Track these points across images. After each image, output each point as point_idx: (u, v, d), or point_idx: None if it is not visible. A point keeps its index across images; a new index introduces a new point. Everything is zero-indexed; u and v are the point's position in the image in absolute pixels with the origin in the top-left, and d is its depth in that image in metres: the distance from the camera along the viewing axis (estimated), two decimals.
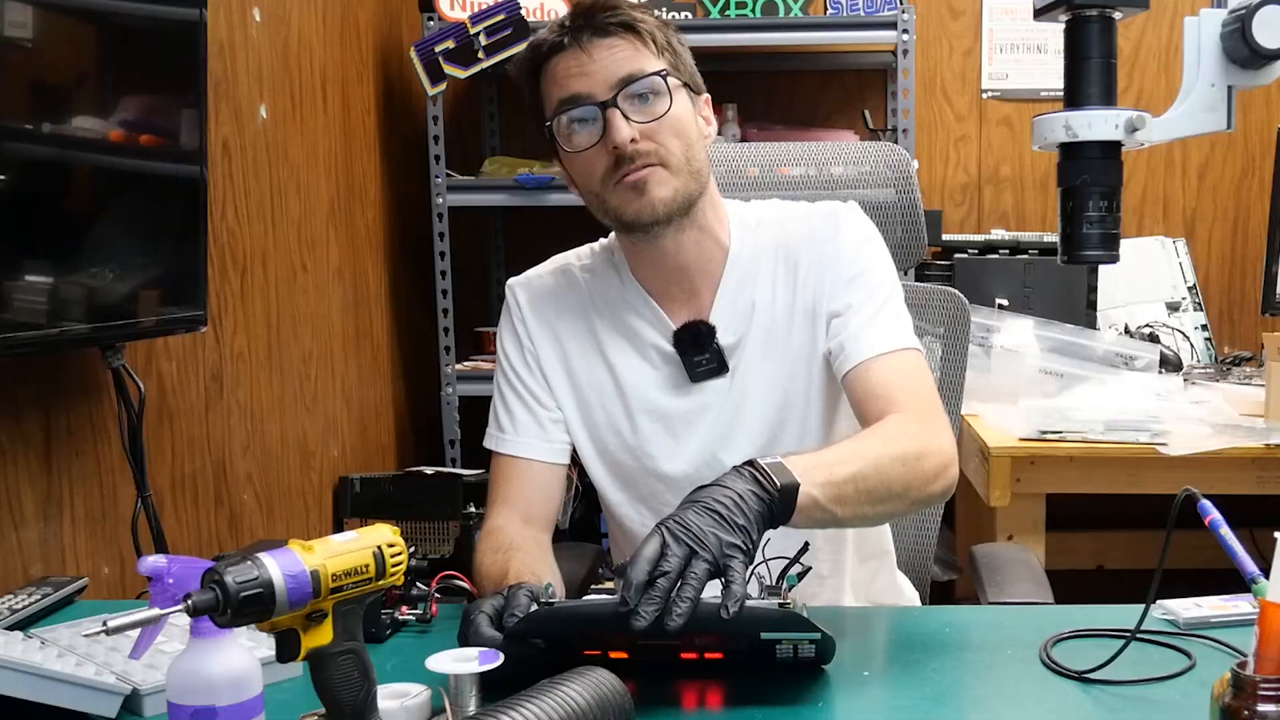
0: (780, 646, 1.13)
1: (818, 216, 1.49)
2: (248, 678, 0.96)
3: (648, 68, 1.37)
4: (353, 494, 2.71)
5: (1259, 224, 3.21)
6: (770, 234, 1.49)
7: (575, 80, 1.37)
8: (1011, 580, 1.63)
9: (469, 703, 1.06)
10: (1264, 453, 2.25)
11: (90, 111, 1.63)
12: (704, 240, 1.46)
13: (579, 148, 1.39)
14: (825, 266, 1.45)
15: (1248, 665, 0.86)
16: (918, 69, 3.23)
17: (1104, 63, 1.12)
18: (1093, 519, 3.14)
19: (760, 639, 1.12)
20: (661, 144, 1.37)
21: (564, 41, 1.38)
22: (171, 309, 1.80)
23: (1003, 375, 2.59)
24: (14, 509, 1.62)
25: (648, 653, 1.13)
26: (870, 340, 1.41)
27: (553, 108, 1.40)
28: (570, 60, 1.38)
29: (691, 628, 1.05)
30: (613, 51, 1.37)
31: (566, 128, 1.39)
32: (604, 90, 1.36)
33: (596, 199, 1.42)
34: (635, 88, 1.36)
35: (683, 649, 1.15)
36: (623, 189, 1.38)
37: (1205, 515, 1.07)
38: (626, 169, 1.37)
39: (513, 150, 3.36)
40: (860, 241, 1.47)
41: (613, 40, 1.37)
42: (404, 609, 1.34)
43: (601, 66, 1.36)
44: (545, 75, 1.41)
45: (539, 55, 1.41)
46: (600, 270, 1.54)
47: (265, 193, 2.38)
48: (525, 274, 1.59)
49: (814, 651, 1.13)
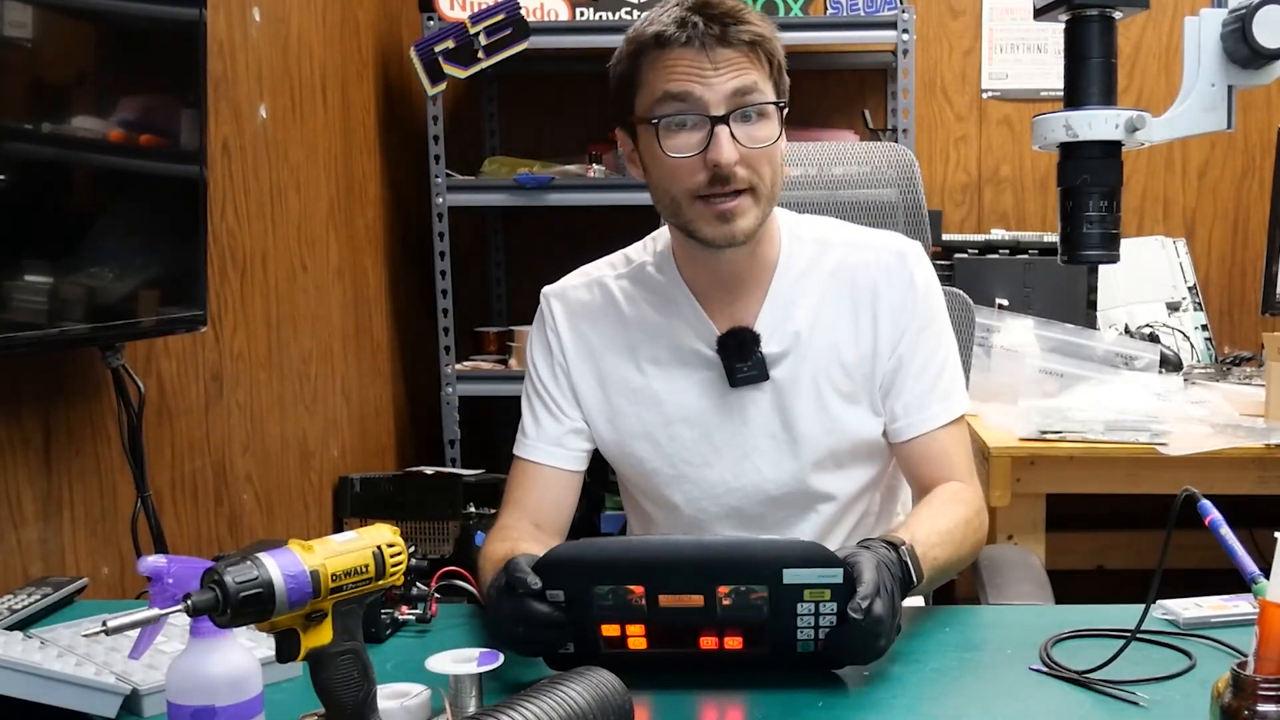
0: (801, 614, 1.12)
1: (889, 253, 1.49)
2: (247, 678, 0.96)
3: (763, 91, 1.36)
4: (353, 494, 2.72)
5: (1259, 224, 3.21)
6: (833, 257, 1.49)
7: (692, 82, 1.34)
8: (1012, 582, 1.63)
9: (469, 703, 1.06)
10: (1264, 453, 2.25)
11: (90, 111, 1.63)
12: (758, 250, 1.46)
13: (678, 151, 1.35)
14: (896, 308, 1.47)
15: (1248, 665, 0.86)
16: (918, 69, 3.23)
17: (1104, 62, 1.12)
18: (1093, 519, 3.14)
19: (783, 584, 1.10)
20: (756, 171, 1.36)
21: (691, 40, 1.33)
22: (171, 309, 1.80)
23: (1003, 375, 2.59)
24: (14, 509, 1.62)
25: (667, 638, 1.14)
26: (934, 410, 1.47)
27: (655, 99, 1.36)
28: (690, 60, 1.34)
29: (721, 559, 1.11)
30: (735, 66, 1.34)
31: (669, 127, 1.35)
32: (719, 103, 1.33)
33: (673, 203, 1.39)
34: (748, 110, 1.35)
35: (702, 629, 1.14)
36: (708, 210, 1.37)
37: (1205, 515, 1.07)
38: (718, 191, 1.35)
39: (513, 150, 3.36)
40: (928, 287, 1.49)
41: (738, 54, 1.34)
42: (404, 609, 1.34)
43: (721, 78, 1.34)
44: (654, 64, 1.36)
45: (658, 43, 1.35)
46: (639, 278, 1.52)
47: (265, 192, 2.38)
48: (560, 284, 1.56)
49: (834, 616, 1.12)
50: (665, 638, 1.15)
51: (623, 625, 1.15)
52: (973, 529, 1.42)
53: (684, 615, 1.13)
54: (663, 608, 1.13)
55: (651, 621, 1.14)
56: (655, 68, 1.36)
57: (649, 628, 1.14)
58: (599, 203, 3.00)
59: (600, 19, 3.04)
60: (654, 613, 1.13)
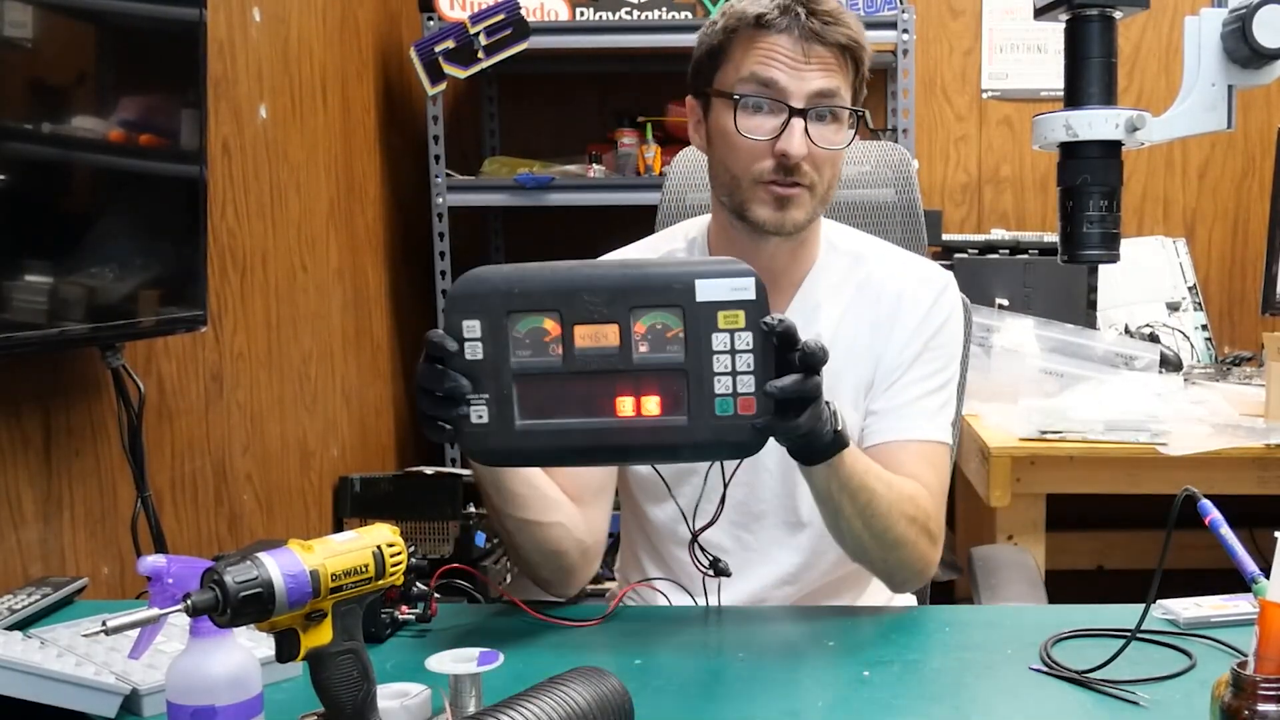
0: (717, 350, 1.09)
1: (917, 278, 1.50)
2: (247, 678, 0.96)
3: (845, 98, 1.38)
4: (353, 494, 2.71)
5: (1259, 224, 3.21)
6: (864, 271, 1.50)
7: (783, 70, 1.36)
8: (1006, 583, 1.63)
9: (469, 703, 1.06)
10: (1264, 453, 2.25)
11: (90, 111, 1.63)
12: (799, 250, 1.47)
13: (752, 133, 1.37)
14: (911, 328, 1.47)
15: (1248, 665, 0.86)
16: (918, 69, 3.23)
17: (1104, 62, 1.12)
18: (1093, 519, 3.14)
19: (696, 302, 1.08)
20: (819, 172, 1.38)
21: (791, 28, 1.35)
22: (171, 309, 1.80)
23: (1003, 375, 2.59)
24: (14, 509, 1.62)
25: (583, 398, 1.10)
26: (915, 421, 1.44)
27: (739, 76, 1.38)
28: (785, 47, 1.36)
29: (635, 277, 1.10)
30: (824, 64, 1.36)
31: (748, 107, 1.37)
32: (802, 97, 1.36)
33: (733, 181, 1.40)
34: (826, 109, 1.37)
35: (618, 383, 1.11)
36: (767, 193, 1.38)
37: (1205, 515, 1.07)
38: (781, 178, 1.37)
39: (513, 150, 3.36)
40: (948, 319, 1.49)
41: (830, 53, 1.37)
42: (404, 609, 1.34)
43: (810, 72, 1.36)
44: (748, 41, 1.38)
45: (758, 23, 1.37)
46: None
47: (265, 193, 2.38)
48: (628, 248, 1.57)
49: (750, 355, 1.09)
50: (581, 399, 1.11)
51: (537, 381, 1.11)
52: (912, 512, 1.33)
53: (599, 359, 1.10)
54: (578, 352, 1.10)
55: (567, 373, 1.11)
56: (748, 47, 1.37)
57: (563, 384, 1.11)
58: (599, 203, 3.00)
59: (600, 19, 3.04)
60: (569, 359, 1.11)
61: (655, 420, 1.11)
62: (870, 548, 1.32)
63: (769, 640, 1.29)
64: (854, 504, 1.26)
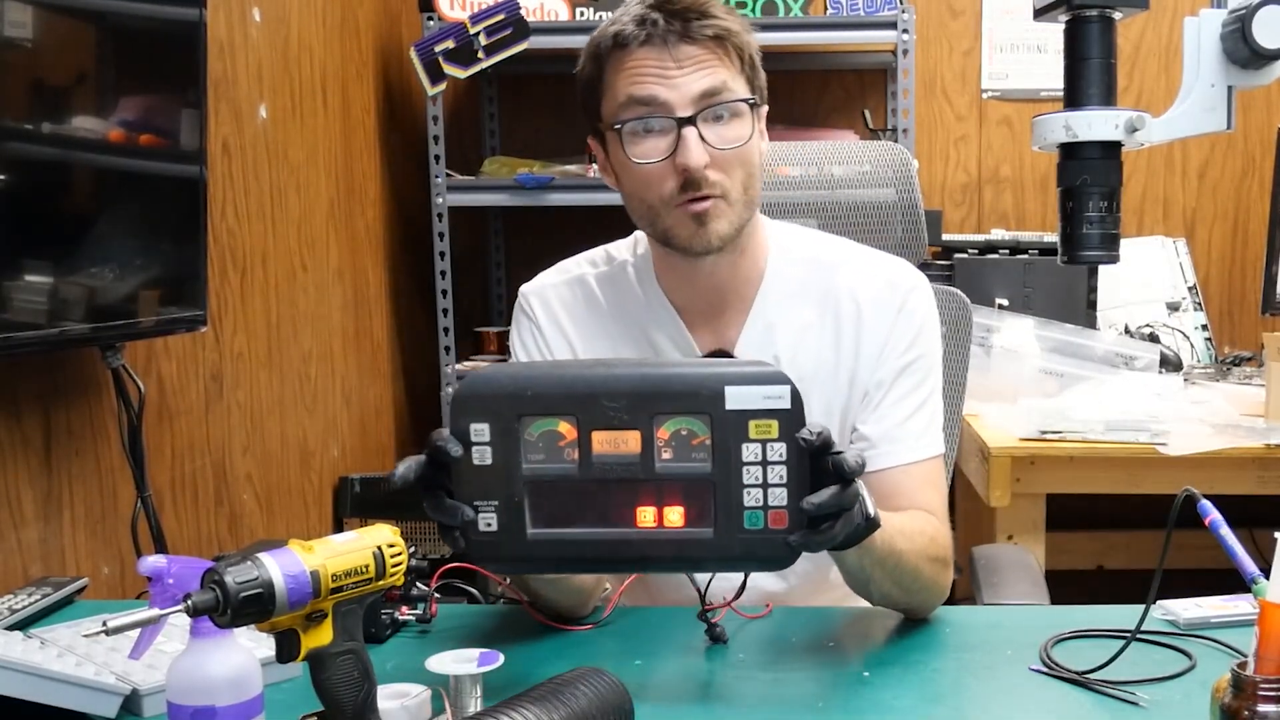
0: (747, 461, 1.02)
1: (881, 281, 1.41)
2: (248, 678, 0.96)
3: (735, 90, 1.29)
4: (353, 494, 2.71)
5: (1259, 224, 3.21)
6: (821, 278, 1.41)
7: (655, 83, 1.27)
8: (1008, 582, 1.63)
9: (469, 703, 1.06)
10: (1264, 453, 2.25)
11: (90, 111, 1.63)
12: (741, 262, 1.39)
13: (645, 158, 1.29)
14: (879, 336, 1.39)
15: (1248, 665, 0.86)
16: (918, 69, 3.23)
17: (1104, 63, 1.12)
18: (1093, 519, 3.14)
19: (725, 409, 1.02)
20: (728, 174, 1.30)
21: (651, 39, 1.27)
22: (171, 309, 1.80)
23: (1003, 375, 2.59)
24: (14, 509, 1.62)
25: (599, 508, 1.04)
26: (907, 445, 1.38)
27: (619, 104, 1.30)
28: (653, 60, 1.27)
29: (659, 382, 1.03)
30: (700, 64, 1.28)
31: (634, 133, 1.30)
32: (685, 104, 1.27)
33: (648, 211, 1.33)
34: (716, 109, 1.28)
35: (639, 493, 1.04)
36: (684, 215, 1.30)
37: (1205, 515, 1.07)
38: (692, 195, 1.29)
39: (513, 150, 3.36)
40: (921, 325, 1.41)
41: (702, 51, 1.28)
42: (404, 609, 1.34)
43: (686, 77, 1.27)
44: (617, 66, 1.30)
45: (618, 44, 1.29)
46: (619, 280, 1.45)
47: (265, 193, 2.38)
48: (538, 281, 1.49)
49: (783, 467, 1.02)
50: (598, 509, 1.05)
51: (551, 488, 1.05)
52: (934, 552, 1.30)
53: (619, 467, 1.04)
54: (596, 459, 1.04)
55: (583, 480, 1.04)
56: (618, 71, 1.30)
57: (579, 492, 1.05)
58: (599, 203, 2.99)
59: (600, 19, 3.03)
60: (586, 466, 1.04)
61: (678, 533, 1.05)
62: (897, 599, 1.30)
63: (769, 640, 1.29)
64: (883, 570, 1.22)
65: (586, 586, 1.34)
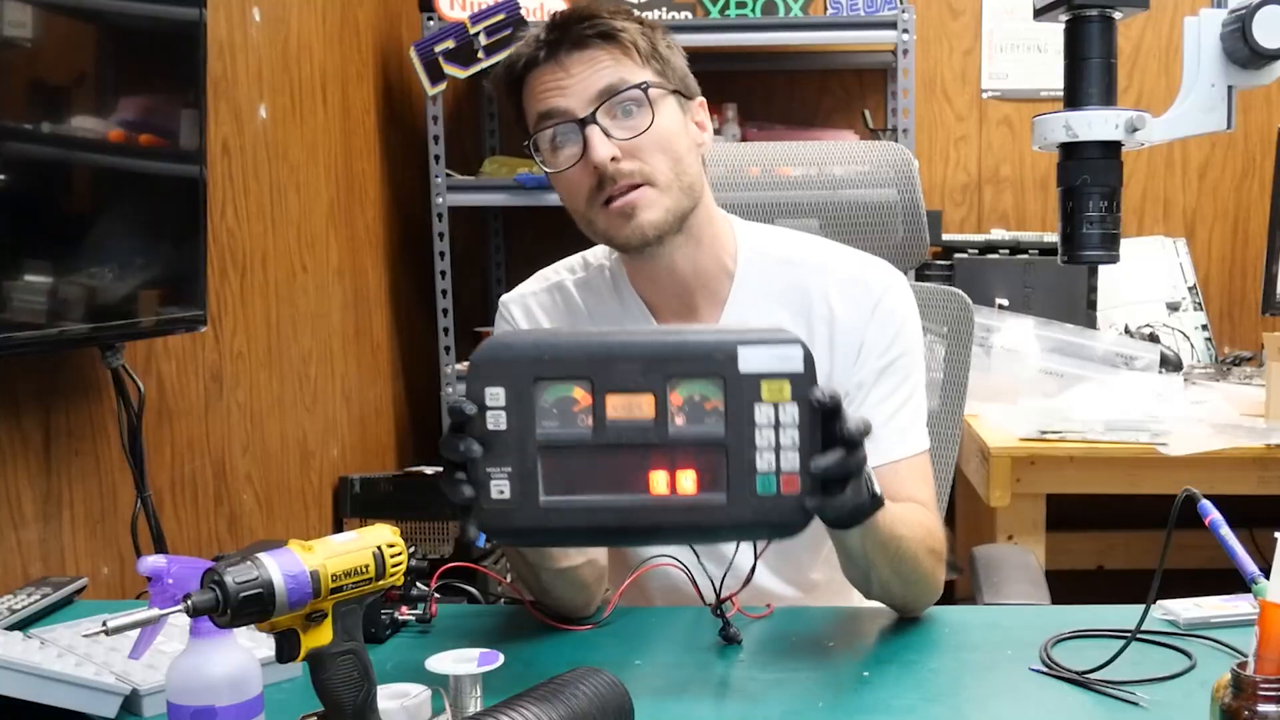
0: (760, 423, 1.02)
1: (854, 280, 1.40)
2: (248, 678, 0.96)
3: (629, 79, 1.30)
4: (353, 494, 2.72)
5: (1259, 224, 3.21)
6: (793, 277, 1.41)
7: (553, 96, 1.31)
8: (1008, 582, 1.63)
9: (469, 703, 1.06)
10: (1264, 453, 2.25)
11: (90, 111, 1.63)
12: (701, 257, 1.39)
13: (560, 166, 1.32)
14: (854, 343, 1.38)
15: (1248, 665, 0.86)
16: (918, 69, 3.23)
17: (1104, 63, 1.12)
18: (1093, 519, 3.14)
19: (739, 372, 1.02)
20: (645, 161, 1.30)
21: (540, 55, 1.31)
22: (171, 309, 1.80)
23: (1003, 375, 2.59)
24: (14, 509, 1.62)
25: (613, 473, 1.04)
26: (890, 443, 1.36)
27: (532, 123, 1.34)
28: (547, 75, 1.31)
29: (673, 345, 1.04)
30: (591, 65, 1.30)
31: (547, 145, 1.33)
32: (582, 106, 1.30)
33: (583, 219, 1.36)
34: (616, 101, 1.30)
35: (653, 457, 1.04)
36: (610, 213, 1.31)
37: (1205, 515, 1.07)
38: (610, 191, 1.30)
39: (513, 150, 3.35)
40: (899, 327, 1.40)
41: (592, 52, 1.30)
42: (404, 609, 1.34)
43: (579, 80, 1.30)
44: (525, 91, 1.34)
45: (515, 71, 1.34)
46: (595, 284, 1.46)
47: (265, 193, 2.38)
48: (518, 291, 1.50)
49: (794, 430, 1.02)
50: (611, 474, 1.05)
51: (565, 453, 1.04)
52: (931, 544, 1.30)
53: (632, 431, 1.04)
54: (610, 424, 1.04)
55: (597, 445, 1.04)
56: (525, 94, 1.34)
57: (593, 457, 1.04)
58: None
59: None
60: (600, 430, 1.04)
61: (691, 499, 1.04)
62: (896, 590, 1.29)
63: (769, 640, 1.29)
64: (884, 555, 1.22)
65: (589, 579, 1.34)
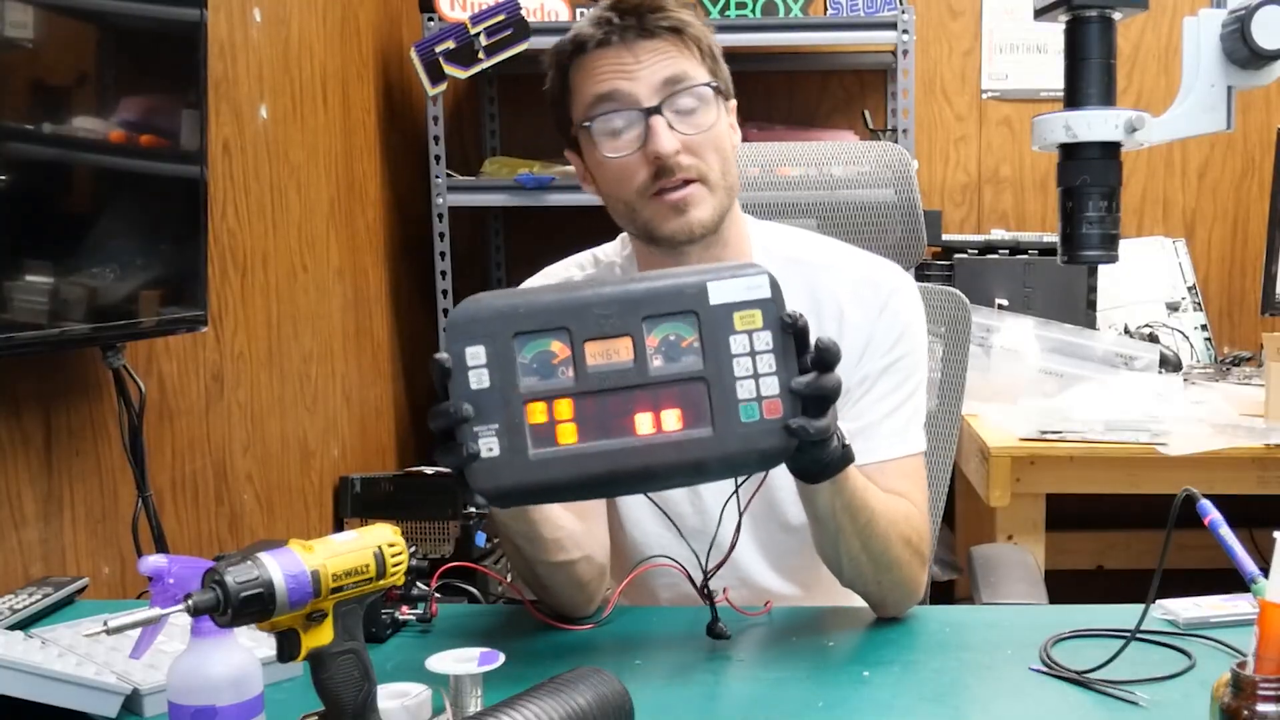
0: (736, 353, 1.05)
1: (863, 280, 1.41)
2: (248, 678, 0.96)
3: (696, 76, 1.31)
4: (353, 494, 2.72)
5: (1259, 224, 3.21)
6: (801, 277, 1.40)
7: (618, 79, 1.30)
8: (1006, 581, 1.64)
9: (470, 703, 1.07)
10: (1264, 453, 2.25)
11: (90, 111, 1.63)
12: (724, 255, 1.39)
13: (616, 153, 1.31)
14: (861, 341, 1.39)
15: (1248, 665, 0.86)
16: (918, 69, 3.23)
17: (1104, 63, 1.12)
18: (1093, 519, 3.14)
19: (710, 305, 1.05)
20: (702, 159, 1.31)
21: (609, 38, 1.30)
22: (172, 309, 1.80)
23: (1002, 375, 2.60)
24: (14, 509, 1.62)
25: (599, 420, 1.05)
26: (888, 440, 1.37)
27: (586, 105, 1.32)
28: (613, 58, 1.30)
29: (644, 289, 1.06)
30: (660, 55, 1.30)
31: (602, 129, 1.32)
32: (649, 95, 1.29)
33: (626, 207, 1.35)
34: (681, 97, 1.30)
35: (636, 400, 1.05)
36: (661, 205, 1.32)
37: (1205, 515, 1.07)
38: (666, 183, 1.30)
39: (513, 150, 3.36)
40: (905, 327, 1.41)
41: (660, 43, 1.30)
42: (404, 609, 1.34)
43: (646, 68, 1.30)
44: (580, 70, 1.33)
45: (577, 48, 1.32)
46: (608, 281, 1.47)
47: (265, 193, 2.38)
48: (525, 285, 1.48)
49: (770, 355, 1.05)
50: (597, 420, 1.06)
51: (549, 404, 1.05)
52: (908, 533, 1.29)
53: (614, 375, 1.06)
54: (591, 370, 1.05)
55: (580, 393, 1.05)
56: (581, 74, 1.32)
57: (577, 405, 1.05)
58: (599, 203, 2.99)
59: None
60: (582, 378, 1.06)
61: (678, 435, 1.06)
62: (866, 570, 1.28)
63: (769, 640, 1.29)
64: (854, 523, 1.22)
65: (588, 580, 1.34)
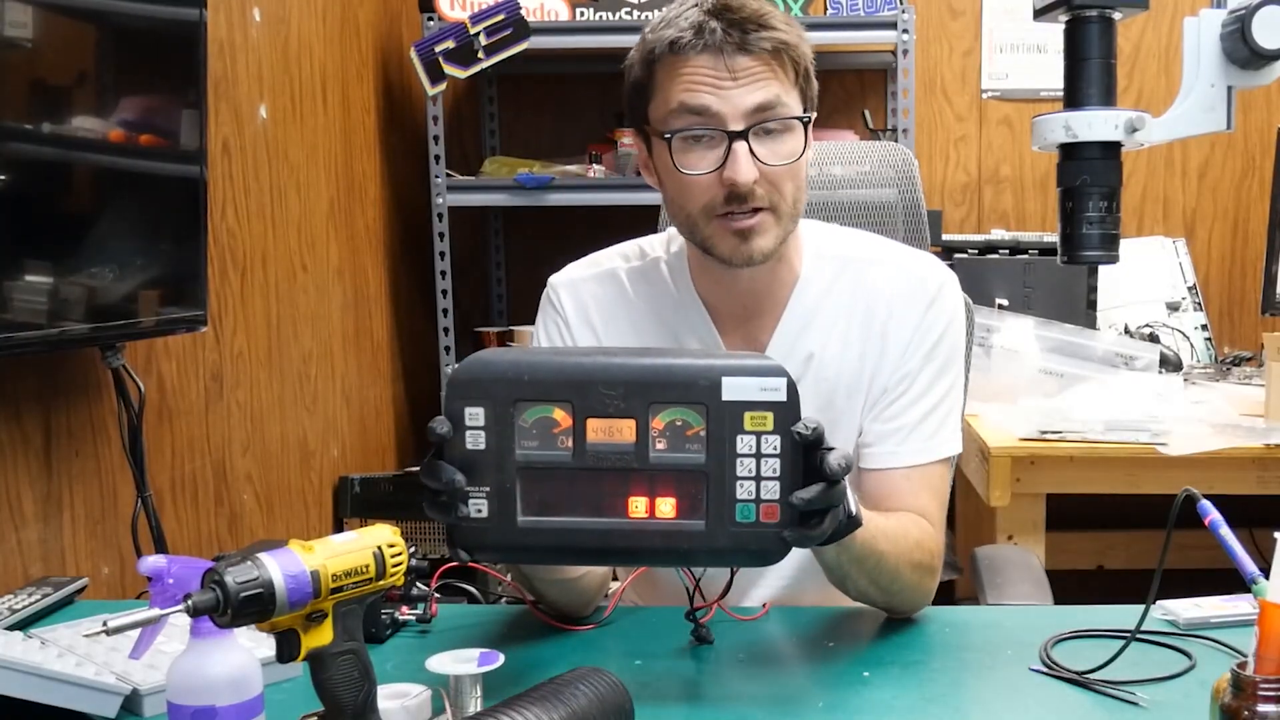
0: (741, 453, 1.03)
1: (911, 276, 1.40)
2: (248, 678, 0.96)
3: (789, 105, 1.28)
4: (353, 494, 2.72)
5: (1259, 224, 3.21)
6: (851, 275, 1.40)
7: (709, 94, 1.25)
8: (1011, 582, 1.63)
9: (469, 703, 1.07)
10: (1264, 453, 2.25)
11: (90, 111, 1.63)
12: (778, 269, 1.38)
13: (692, 169, 1.27)
14: (906, 331, 1.38)
15: (1248, 665, 0.86)
16: (918, 69, 3.23)
17: (1104, 63, 1.12)
18: (1093, 519, 3.14)
19: (722, 401, 1.02)
20: (777, 189, 1.28)
21: (706, 45, 1.25)
22: (171, 309, 1.80)
23: (1003, 375, 2.59)
24: (14, 509, 1.62)
25: (591, 496, 1.04)
26: (917, 444, 1.36)
27: (670, 110, 1.28)
28: (707, 68, 1.25)
29: (657, 371, 1.04)
30: (755, 77, 1.25)
31: (684, 142, 1.27)
32: (737, 118, 1.25)
33: (688, 219, 1.32)
34: (770, 125, 1.27)
35: (632, 482, 1.04)
36: (724, 228, 1.29)
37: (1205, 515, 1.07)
38: (735, 209, 1.27)
39: (513, 150, 3.36)
40: (947, 325, 1.39)
41: (758, 64, 1.26)
42: (404, 609, 1.34)
43: (740, 87, 1.25)
44: (669, 70, 1.28)
45: (672, 48, 1.26)
46: (652, 276, 1.43)
47: (265, 193, 2.38)
48: (568, 274, 1.47)
49: (776, 460, 1.03)
50: (590, 497, 1.05)
51: (543, 475, 1.04)
52: (919, 558, 1.28)
53: (613, 456, 1.04)
54: (590, 447, 1.04)
55: (576, 468, 1.04)
56: (670, 75, 1.27)
57: (572, 480, 1.04)
58: (599, 203, 3.00)
59: (600, 19, 3.04)
60: (580, 454, 1.04)
61: (670, 524, 1.05)
62: (875, 596, 1.29)
63: (769, 640, 1.29)
64: (861, 569, 1.22)
65: (590, 587, 1.34)
